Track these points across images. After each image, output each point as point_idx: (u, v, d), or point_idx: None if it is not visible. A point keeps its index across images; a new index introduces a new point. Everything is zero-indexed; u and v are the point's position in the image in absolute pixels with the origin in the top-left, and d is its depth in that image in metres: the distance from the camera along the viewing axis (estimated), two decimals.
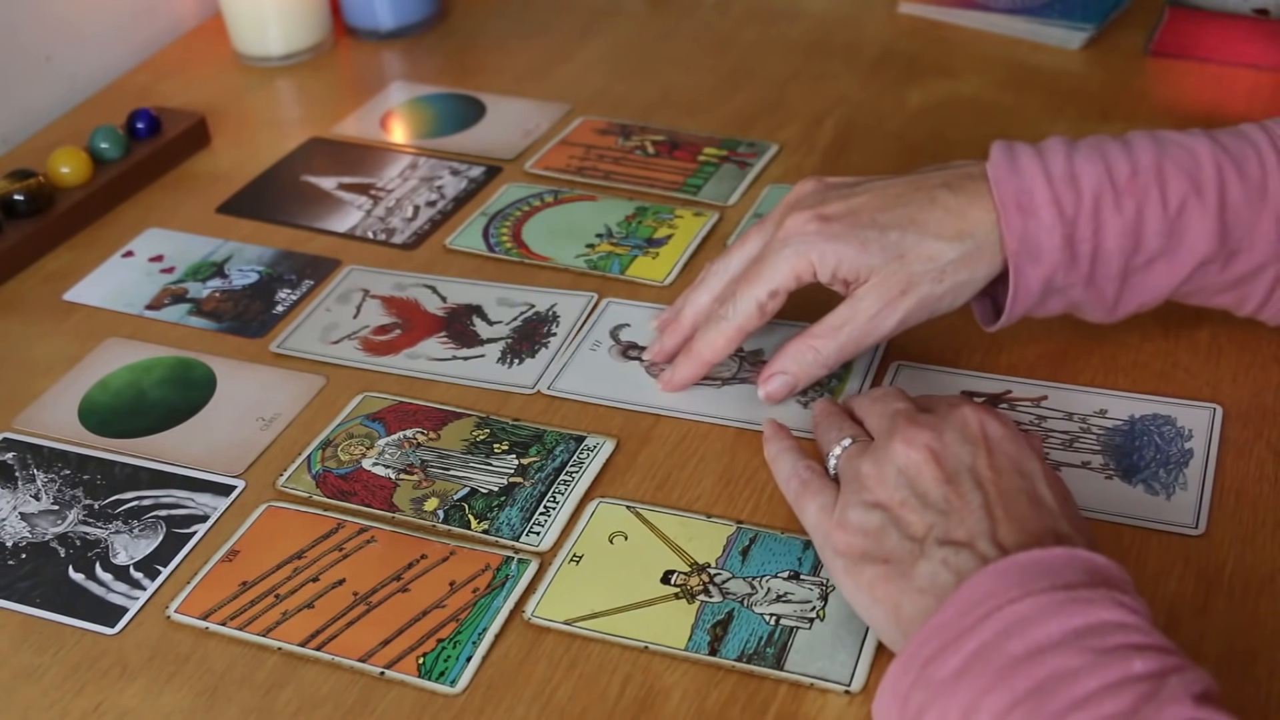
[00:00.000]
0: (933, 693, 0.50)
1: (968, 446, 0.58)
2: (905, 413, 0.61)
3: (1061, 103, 1.01)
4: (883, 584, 0.56)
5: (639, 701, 0.59)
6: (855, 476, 0.60)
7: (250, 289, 0.87)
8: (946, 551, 0.54)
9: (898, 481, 0.58)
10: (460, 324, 0.82)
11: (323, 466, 0.72)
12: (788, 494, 0.65)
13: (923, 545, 0.55)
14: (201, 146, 1.03)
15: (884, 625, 0.56)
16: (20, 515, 0.71)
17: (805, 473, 0.64)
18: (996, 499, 0.56)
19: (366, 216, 0.94)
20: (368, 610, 0.64)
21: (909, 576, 0.55)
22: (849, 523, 0.58)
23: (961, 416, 0.59)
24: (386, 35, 1.18)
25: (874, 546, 0.57)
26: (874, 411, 0.64)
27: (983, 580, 0.52)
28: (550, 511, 0.68)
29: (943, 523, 0.55)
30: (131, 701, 0.61)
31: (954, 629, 0.51)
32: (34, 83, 1.08)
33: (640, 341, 0.79)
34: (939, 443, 0.58)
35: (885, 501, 0.58)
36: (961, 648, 0.50)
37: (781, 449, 0.67)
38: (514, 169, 0.98)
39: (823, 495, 0.62)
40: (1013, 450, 0.58)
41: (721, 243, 0.88)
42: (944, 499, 0.56)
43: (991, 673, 0.49)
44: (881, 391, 0.66)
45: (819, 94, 1.05)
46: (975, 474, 0.57)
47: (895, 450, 0.58)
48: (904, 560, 0.56)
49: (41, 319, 0.86)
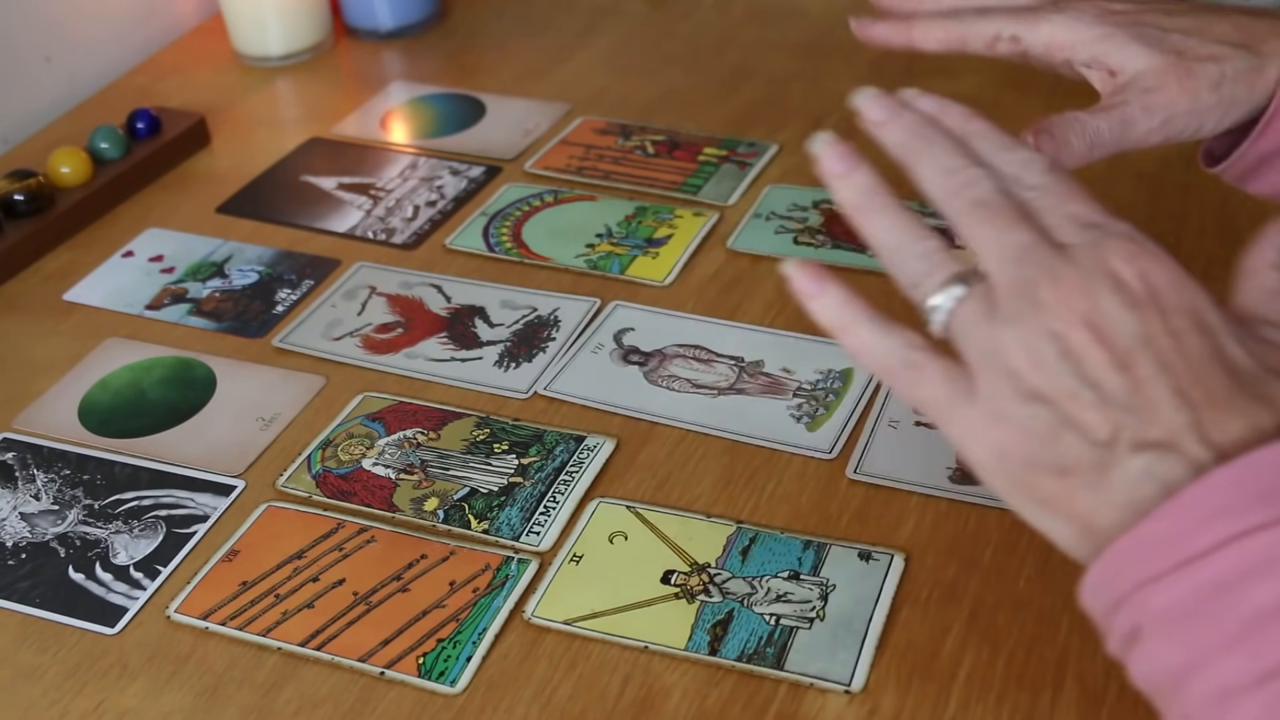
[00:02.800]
0: (1149, 623, 0.42)
1: (1134, 312, 0.44)
2: (1034, 249, 0.46)
3: (1061, 103, 1.00)
4: (1065, 500, 0.44)
5: (639, 701, 0.59)
6: (994, 352, 0.45)
7: (250, 289, 0.87)
8: (1148, 459, 0.43)
9: (1060, 366, 0.44)
10: (462, 325, 0.82)
11: (323, 466, 0.72)
12: (887, 378, 0.48)
13: (1111, 450, 0.43)
14: (201, 146, 1.03)
15: (1070, 540, 0.46)
16: (20, 515, 0.71)
17: (909, 349, 0.47)
18: (1188, 377, 0.43)
19: (366, 216, 0.94)
20: (368, 610, 0.64)
21: (1099, 490, 0.44)
22: (1007, 417, 0.45)
23: (1109, 265, 0.45)
24: (386, 35, 1.18)
25: (1046, 452, 0.44)
26: (985, 240, 0.47)
27: (1208, 491, 0.41)
28: (550, 511, 0.68)
29: (1132, 421, 0.43)
30: (131, 701, 0.61)
31: (1177, 546, 0.41)
32: (34, 83, 1.08)
33: (643, 346, 0.79)
34: (1097, 311, 0.44)
35: (1049, 393, 0.44)
36: (1189, 576, 0.41)
37: (854, 317, 0.48)
38: (514, 169, 0.98)
39: (950, 379, 0.46)
40: (1186, 300, 0.45)
41: (721, 243, 0.88)
42: (1125, 389, 0.43)
43: (1232, 626, 0.40)
44: (968, 180, 0.48)
45: (819, 94, 1.05)
46: (1154, 348, 0.44)
47: (1043, 325, 0.44)
48: (1089, 470, 0.44)
49: (41, 319, 0.86)
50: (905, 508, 0.67)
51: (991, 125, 0.50)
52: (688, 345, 0.79)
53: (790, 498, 0.68)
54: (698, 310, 0.82)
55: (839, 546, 0.65)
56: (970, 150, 0.49)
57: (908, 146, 0.50)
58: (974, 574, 0.63)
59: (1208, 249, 0.84)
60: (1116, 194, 0.90)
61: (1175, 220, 0.87)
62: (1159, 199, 0.89)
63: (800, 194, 0.92)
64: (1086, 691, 0.58)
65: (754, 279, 0.84)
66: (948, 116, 0.51)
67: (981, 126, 0.50)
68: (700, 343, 0.79)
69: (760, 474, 0.70)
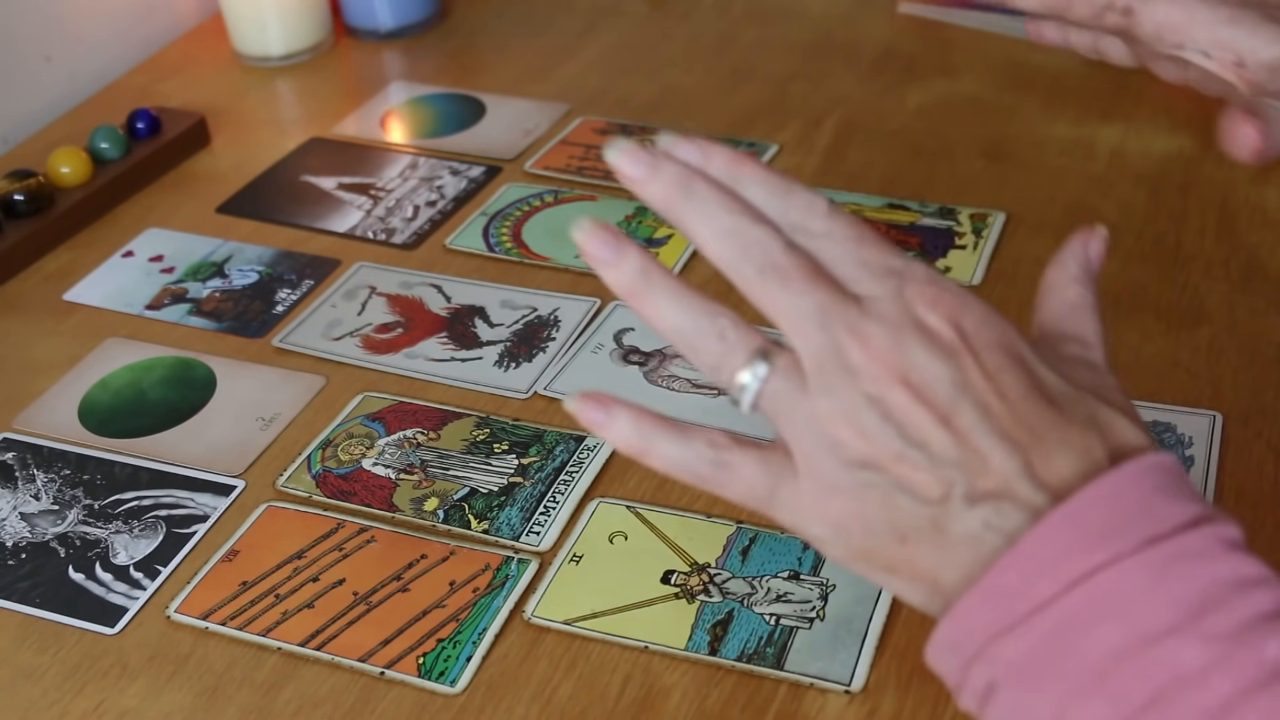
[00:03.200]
0: (1005, 676, 0.41)
1: (948, 361, 0.43)
2: (834, 309, 0.43)
3: (1062, 103, 1.01)
4: (909, 564, 0.44)
5: (639, 701, 0.59)
6: (812, 426, 0.44)
7: (250, 289, 0.87)
8: (984, 511, 0.42)
9: (883, 430, 0.42)
10: (462, 325, 0.82)
11: (323, 466, 0.72)
12: (702, 485, 0.46)
13: (945, 506, 0.42)
14: (201, 146, 1.03)
15: (921, 600, 0.45)
16: (20, 515, 0.71)
17: (714, 450, 0.46)
18: (1010, 418, 0.42)
19: (366, 216, 0.94)
20: (368, 610, 0.64)
21: (941, 548, 0.43)
22: (837, 489, 0.43)
23: (915, 314, 0.43)
24: (386, 35, 1.18)
25: (880, 518, 0.43)
26: (781, 306, 0.44)
27: (1047, 535, 0.41)
28: (550, 511, 0.68)
29: (962, 476, 0.42)
30: (131, 701, 0.61)
31: (1023, 596, 0.40)
32: (34, 83, 1.08)
33: (643, 346, 0.79)
34: (911, 367, 0.42)
35: (876, 459, 0.43)
36: (1038, 623, 0.40)
37: (649, 437, 0.46)
38: (514, 169, 0.98)
39: (767, 466, 0.45)
40: (995, 335, 0.43)
41: None
42: (951, 444, 0.42)
43: (1087, 671, 0.39)
44: (752, 242, 0.44)
45: (819, 94, 1.05)
46: (972, 393, 0.42)
47: (859, 391, 0.43)
48: (928, 530, 0.43)
49: (41, 319, 0.86)
50: None
51: (761, 167, 0.46)
52: None
53: None
54: None
55: None
56: (745, 202, 0.45)
57: (675, 205, 0.45)
58: None
59: (1208, 249, 0.84)
60: (1117, 194, 0.90)
61: (1175, 220, 0.87)
62: (1159, 199, 0.89)
63: None
64: None
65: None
66: (712, 164, 0.46)
67: (751, 171, 0.46)
68: None
69: None
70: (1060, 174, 0.93)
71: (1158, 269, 0.82)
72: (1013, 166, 0.94)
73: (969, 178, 0.93)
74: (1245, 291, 0.80)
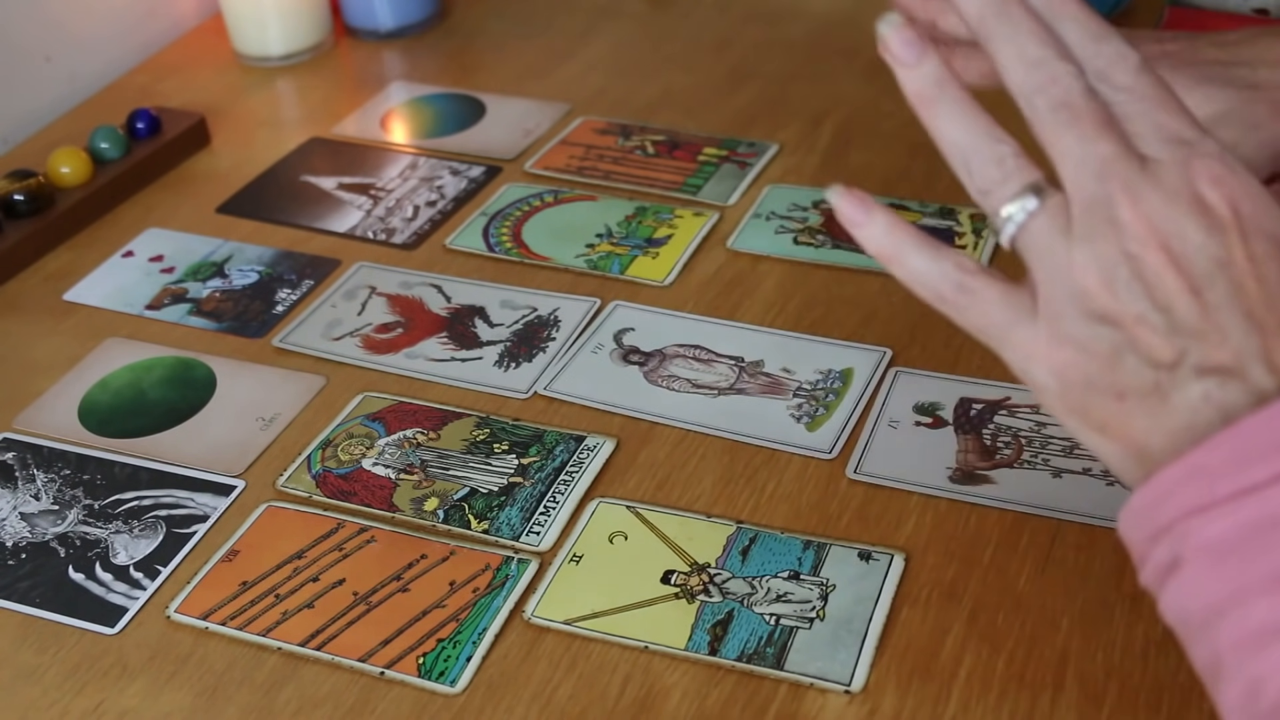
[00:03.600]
0: (1192, 554, 0.40)
1: (1214, 236, 0.42)
2: (1117, 163, 0.43)
3: None
4: (1121, 423, 0.43)
5: (639, 701, 0.59)
6: (1064, 270, 0.43)
7: (250, 289, 0.87)
8: (1208, 384, 0.41)
9: (1130, 289, 0.42)
10: (462, 325, 0.82)
11: (323, 466, 0.72)
12: (940, 304, 0.46)
13: (1173, 373, 0.42)
14: (201, 146, 1.03)
15: (1122, 464, 0.44)
16: (20, 515, 0.71)
17: (961, 273, 0.45)
18: (1262, 302, 0.42)
19: (366, 216, 0.94)
20: (368, 610, 0.64)
21: (1156, 414, 0.42)
22: (1067, 337, 0.43)
23: (1195, 187, 0.43)
24: (386, 35, 1.18)
25: (1104, 374, 0.43)
26: (1065, 147, 0.44)
27: (1269, 421, 0.40)
28: (550, 511, 0.68)
29: (1198, 346, 0.42)
30: (131, 701, 0.61)
31: (1231, 477, 0.40)
32: (34, 83, 1.08)
33: (643, 346, 0.79)
34: (1177, 235, 0.42)
35: (1117, 315, 0.42)
36: (1239, 509, 0.39)
37: (902, 243, 0.46)
38: (514, 169, 0.98)
39: (1008, 300, 0.45)
40: (1270, 226, 0.43)
41: (721, 243, 0.88)
42: (1195, 314, 0.42)
43: (1276, 567, 0.38)
44: (1053, 77, 0.44)
45: (819, 94, 1.05)
46: (1230, 273, 0.42)
47: (1117, 244, 0.43)
48: (1148, 393, 0.42)
49: (41, 319, 0.86)
50: (905, 508, 0.67)
51: (1083, 7, 0.45)
52: (688, 345, 0.79)
53: (790, 498, 0.68)
54: (698, 310, 0.82)
55: (839, 546, 0.65)
56: (1056, 37, 0.45)
57: (987, 24, 0.45)
58: (974, 574, 0.63)
59: None
60: None
61: None
62: None
63: (800, 194, 0.92)
64: (1086, 691, 0.58)
65: (754, 279, 0.84)
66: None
67: (1071, 8, 0.45)
68: (700, 343, 0.79)
69: (760, 474, 0.70)
70: None
71: None
72: None
73: None
74: None
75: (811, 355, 0.77)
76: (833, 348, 0.77)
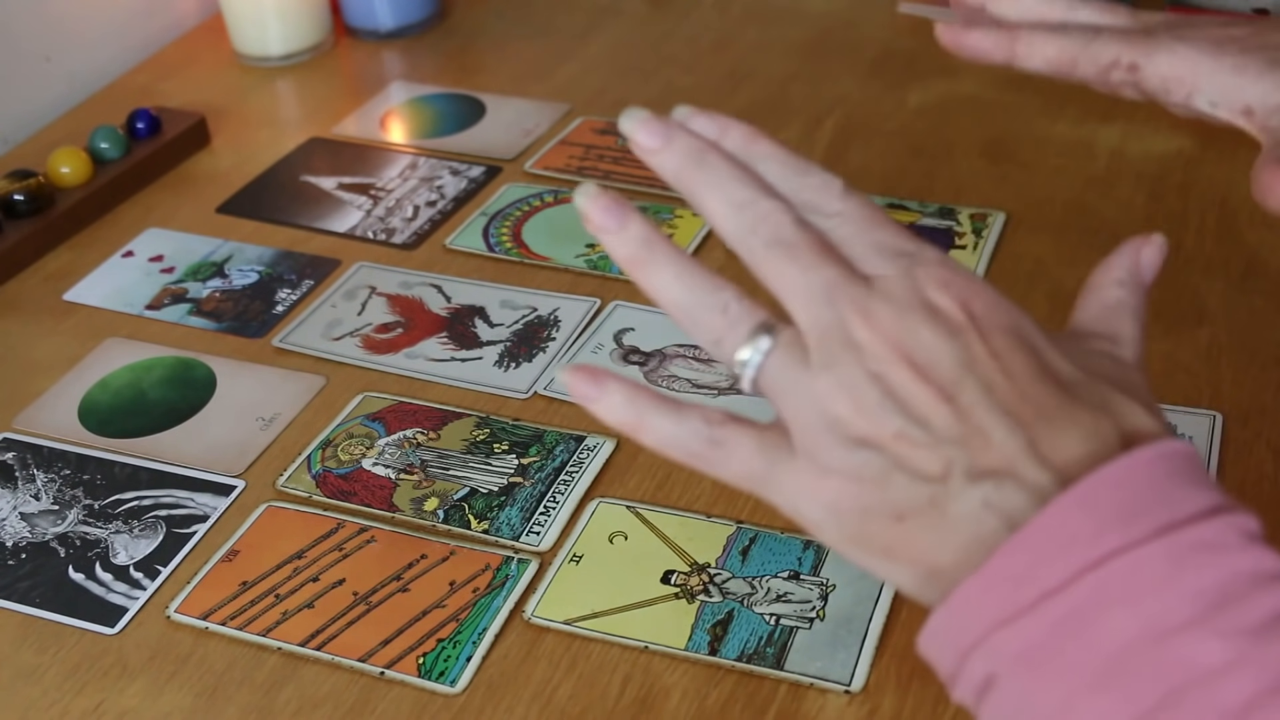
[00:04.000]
0: (1007, 668, 0.39)
1: (953, 340, 0.41)
2: (842, 286, 0.42)
3: (1061, 102, 1.01)
4: (905, 545, 0.41)
5: (639, 701, 0.59)
6: (812, 402, 0.42)
7: (250, 289, 0.87)
8: (984, 489, 0.40)
9: (883, 407, 0.41)
10: (462, 325, 0.82)
11: (323, 466, 0.72)
12: (695, 463, 0.44)
13: (945, 484, 0.40)
14: (201, 146, 1.03)
15: (916, 586, 0.43)
16: (20, 515, 0.71)
17: (710, 427, 0.44)
18: (1015, 395, 0.41)
19: (366, 216, 0.94)
20: (368, 610, 0.64)
21: (939, 529, 0.41)
22: (830, 468, 0.42)
23: (923, 294, 0.42)
24: (386, 35, 1.18)
25: (876, 497, 0.41)
26: (788, 281, 0.44)
27: (1056, 519, 0.38)
28: (550, 511, 0.68)
29: (962, 452, 0.40)
30: (131, 701, 0.61)
31: (1030, 583, 0.38)
32: (34, 83, 1.08)
33: (643, 346, 0.79)
34: (916, 345, 0.41)
35: (873, 436, 0.41)
36: (1045, 612, 0.38)
37: (642, 411, 0.44)
38: (514, 169, 0.98)
39: (763, 445, 0.44)
40: (1006, 320, 0.42)
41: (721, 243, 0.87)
42: (952, 420, 0.41)
43: (1097, 664, 0.37)
44: (762, 215, 0.44)
45: (819, 94, 1.05)
46: (977, 372, 0.41)
47: (860, 365, 0.42)
48: (925, 509, 0.41)
49: (41, 319, 0.86)
50: None
51: (778, 146, 0.46)
52: (688, 345, 0.79)
53: None
54: None
55: None
56: (758, 177, 0.45)
57: (687, 176, 0.45)
58: None
59: (1207, 249, 0.84)
60: (1117, 194, 0.90)
61: (1175, 220, 0.87)
62: (1159, 199, 0.89)
63: None
64: None
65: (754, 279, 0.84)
66: (728, 138, 0.46)
67: (768, 148, 0.46)
68: None
69: None
70: (1060, 174, 0.93)
71: None
72: (1012, 166, 0.94)
73: (969, 177, 0.93)
74: (1245, 291, 0.80)
75: None
76: None
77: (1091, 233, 0.86)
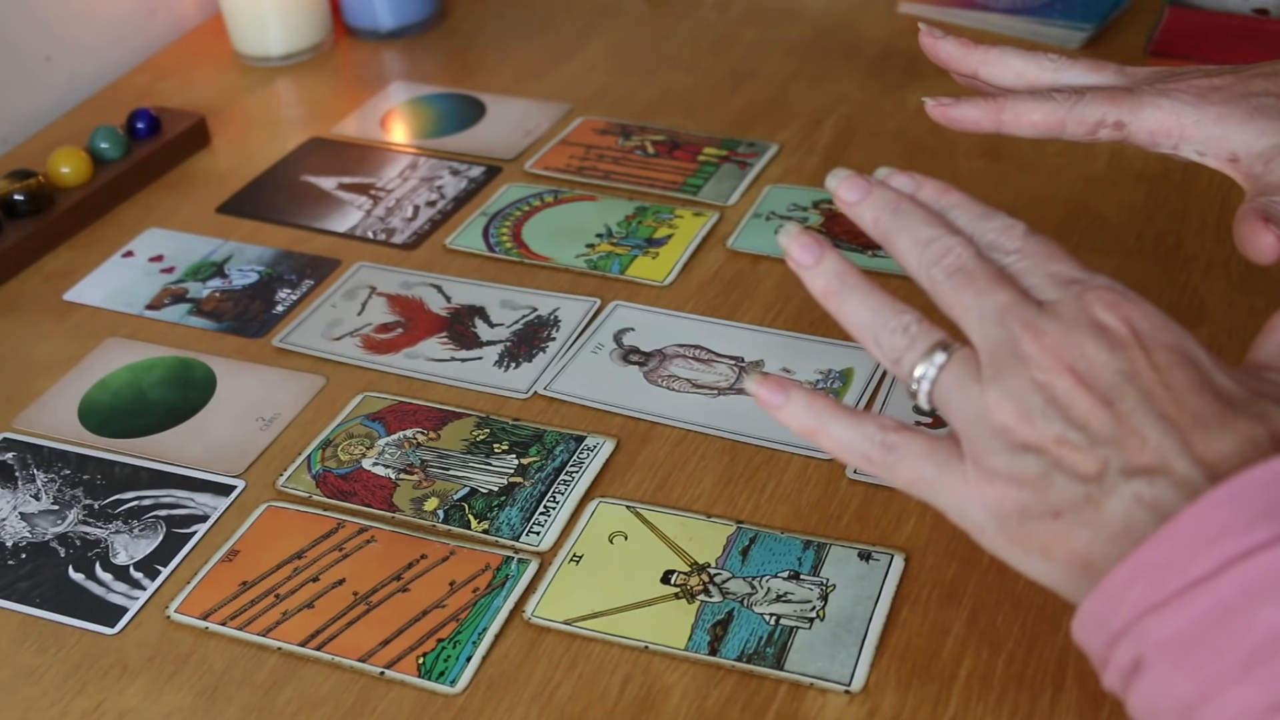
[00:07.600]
0: (1153, 654, 0.40)
1: (1117, 352, 0.44)
2: (1015, 308, 0.46)
3: None
4: (1061, 542, 0.44)
5: (639, 701, 0.59)
6: (980, 413, 0.45)
7: (250, 289, 0.87)
8: (1137, 484, 0.43)
9: (1045, 414, 0.44)
10: (462, 325, 0.82)
11: (323, 466, 0.72)
12: (869, 466, 0.48)
13: (1101, 482, 0.43)
14: (201, 146, 1.03)
15: (1070, 584, 0.45)
16: (20, 515, 0.71)
17: (884, 432, 0.48)
18: (1172, 403, 0.43)
19: (366, 216, 0.94)
20: (368, 610, 0.64)
21: (1093, 523, 0.43)
22: (996, 473, 0.45)
23: (1092, 314, 0.45)
24: (386, 35, 1.18)
25: (1036, 497, 0.44)
26: (965, 305, 0.47)
27: (1206, 511, 0.40)
28: (550, 511, 0.68)
29: (1119, 452, 0.43)
30: (131, 701, 0.61)
31: (1177, 571, 0.40)
32: (34, 83, 1.08)
33: (643, 346, 0.79)
34: (1081, 357, 0.44)
35: (1037, 441, 0.44)
36: (1190, 603, 0.39)
37: (822, 417, 0.49)
38: (514, 169, 0.98)
39: (933, 451, 0.47)
40: (1170, 338, 0.45)
41: (721, 243, 0.88)
42: (1110, 424, 0.43)
43: (1242, 652, 0.38)
44: (945, 249, 0.48)
45: (819, 94, 1.05)
46: (1138, 383, 0.44)
47: (1026, 376, 0.45)
48: (1082, 505, 0.43)
49: (41, 319, 0.86)
50: (905, 508, 0.67)
51: (968, 196, 0.50)
52: (688, 345, 0.79)
53: (790, 498, 0.68)
54: (698, 310, 0.82)
55: (839, 546, 0.65)
56: (946, 220, 0.49)
57: (883, 223, 0.50)
58: (974, 574, 0.63)
59: (1208, 249, 0.84)
60: (1117, 194, 0.90)
61: (1175, 220, 0.87)
62: (1159, 199, 0.89)
63: (800, 194, 0.92)
64: (1086, 691, 0.58)
65: (754, 279, 0.84)
66: (923, 192, 0.51)
67: (958, 199, 0.50)
68: (700, 343, 0.79)
69: (760, 474, 0.70)
70: (1060, 174, 0.93)
71: (1158, 269, 0.82)
72: (1013, 166, 0.94)
73: (969, 178, 0.93)
74: (1245, 291, 0.80)
75: (811, 355, 0.77)
76: (833, 348, 0.77)
77: (1092, 233, 0.86)
